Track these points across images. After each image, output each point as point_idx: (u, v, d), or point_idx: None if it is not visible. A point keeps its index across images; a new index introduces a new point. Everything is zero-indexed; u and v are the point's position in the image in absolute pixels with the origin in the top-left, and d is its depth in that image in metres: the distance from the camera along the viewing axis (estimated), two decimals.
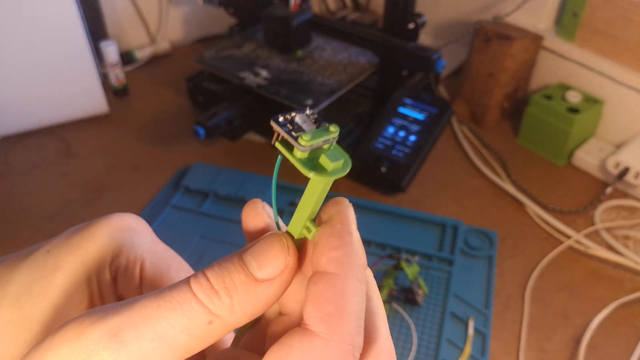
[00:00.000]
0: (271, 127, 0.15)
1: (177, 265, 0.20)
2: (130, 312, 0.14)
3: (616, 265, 0.56)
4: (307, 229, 0.16)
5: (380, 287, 0.49)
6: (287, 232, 0.17)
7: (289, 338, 0.14)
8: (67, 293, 0.18)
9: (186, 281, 0.15)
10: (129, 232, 0.20)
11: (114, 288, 0.19)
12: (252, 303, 0.15)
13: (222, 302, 0.15)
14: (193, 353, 0.15)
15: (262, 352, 0.15)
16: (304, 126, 0.15)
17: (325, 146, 0.15)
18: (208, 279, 0.15)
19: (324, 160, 0.15)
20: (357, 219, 0.17)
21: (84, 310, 0.18)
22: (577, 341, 0.49)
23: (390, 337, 0.16)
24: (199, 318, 0.14)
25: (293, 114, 0.15)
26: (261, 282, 0.15)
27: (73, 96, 0.71)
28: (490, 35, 0.71)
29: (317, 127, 0.15)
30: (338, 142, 0.16)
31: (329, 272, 0.15)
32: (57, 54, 0.67)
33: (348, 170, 0.15)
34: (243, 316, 0.15)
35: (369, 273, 0.17)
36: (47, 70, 0.67)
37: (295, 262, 0.16)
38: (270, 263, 0.15)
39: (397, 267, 0.49)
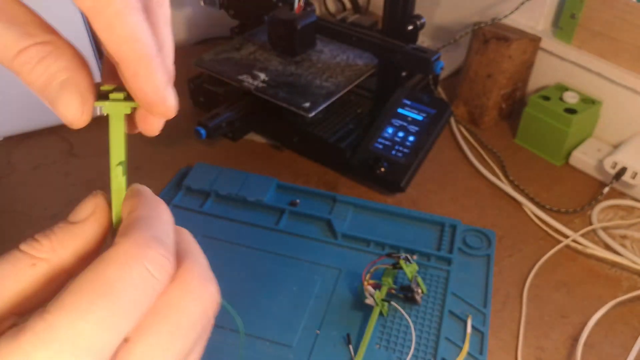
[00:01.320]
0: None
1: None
2: None
3: (613, 265, 0.57)
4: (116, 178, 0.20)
5: (379, 286, 0.50)
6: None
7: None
8: None
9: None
10: None
11: None
12: (71, 241, 0.18)
13: (41, 245, 0.17)
14: (30, 299, 0.16)
15: None
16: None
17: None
18: (32, 236, 0.18)
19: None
20: (357, 218, 0.18)
21: None
22: (575, 339, 0.49)
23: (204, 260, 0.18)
24: (21, 262, 0.17)
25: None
26: (75, 223, 0.18)
27: None
28: (488, 37, 0.72)
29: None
30: None
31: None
32: None
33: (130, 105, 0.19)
34: (67, 255, 0.17)
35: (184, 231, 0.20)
36: None
37: (105, 204, 0.19)
38: (81, 208, 0.19)
39: (396, 266, 0.50)
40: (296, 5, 0.67)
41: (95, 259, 0.16)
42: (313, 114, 0.63)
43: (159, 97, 0.18)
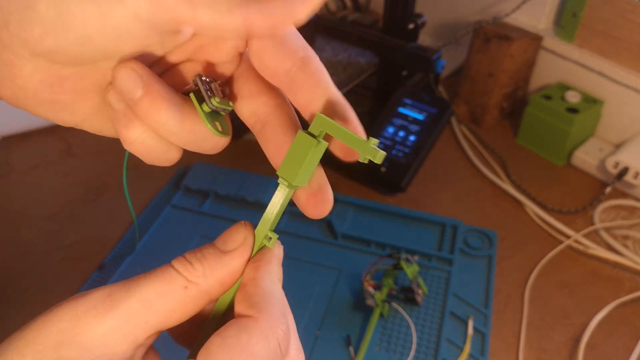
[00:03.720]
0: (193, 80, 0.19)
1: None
2: (123, 282, 0.17)
3: (615, 265, 0.56)
4: (267, 237, 0.21)
5: (380, 287, 0.49)
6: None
7: (226, 327, 0.18)
8: None
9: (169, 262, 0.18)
10: None
11: None
12: (220, 270, 0.19)
13: (195, 269, 0.18)
14: (175, 318, 0.18)
15: None
16: (216, 93, 0.19)
17: (222, 113, 0.20)
18: (184, 256, 0.19)
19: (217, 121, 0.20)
20: (358, 218, 0.19)
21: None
22: (577, 340, 0.49)
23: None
24: (175, 282, 0.18)
25: (209, 79, 0.19)
26: (225, 252, 0.19)
27: None
28: (489, 36, 0.71)
29: (223, 97, 0.19)
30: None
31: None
32: None
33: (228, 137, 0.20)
34: (214, 282, 0.19)
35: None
36: None
37: (252, 239, 0.20)
38: (232, 238, 0.20)
39: (397, 267, 0.50)
40: None
41: (237, 323, 0.17)
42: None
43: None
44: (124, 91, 0.18)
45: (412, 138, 0.64)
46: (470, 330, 0.48)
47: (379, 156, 0.17)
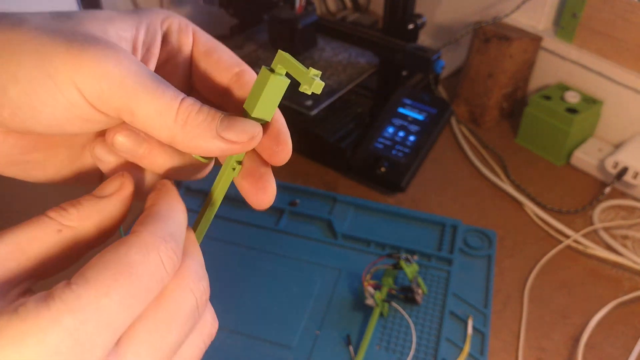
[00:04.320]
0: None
1: (225, 49, 0.21)
2: None
3: (615, 265, 0.56)
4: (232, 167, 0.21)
5: (380, 287, 0.49)
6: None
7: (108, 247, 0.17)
8: (116, 16, 0.19)
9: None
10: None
11: (162, 46, 0.20)
12: (96, 214, 0.18)
13: (68, 214, 0.18)
14: (52, 264, 0.17)
15: None
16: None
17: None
18: (60, 205, 0.18)
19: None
20: (358, 218, 0.19)
21: (125, 41, 0.19)
22: (576, 340, 0.49)
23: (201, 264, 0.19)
24: (48, 227, 0.17)
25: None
26: (101, 197, 0.19)
27: None
28: (489, 36, 0.71)
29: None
30: None
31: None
32: None
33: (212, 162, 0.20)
34: (91, 226, 0.18)
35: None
36: None
37: (130, 186, 0.19)
38: (108, 185, 0.19)
39: (397, 267, 0.50)
40: (297, 4, 0.66)
41: (116, 240, 0.17)
42: (315, 111, 0.63)
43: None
44: (126, 151, 0.19)
45: (412, 138, 0.64)
46: (469, 330, 0.48)
47: (314, 85, 0.18)
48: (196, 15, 0.97)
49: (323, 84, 0.18)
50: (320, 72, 0.18)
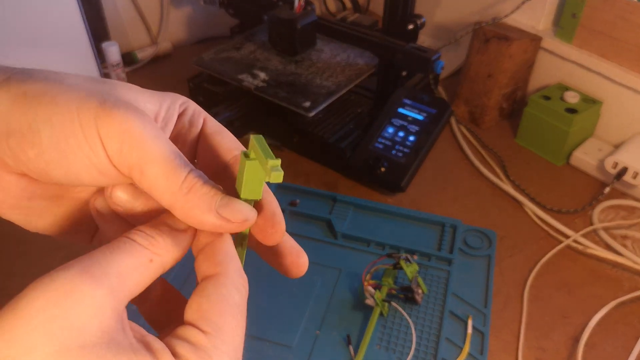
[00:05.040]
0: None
1: (229, 133, 0.23)
2: (91, 258, 0.17)
3: (614, 265, 0.56)
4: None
5: (379, 286, 0.49)
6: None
7: (203, 288, 0.19)
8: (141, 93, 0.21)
9: (126, 235, 0.18)
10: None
11: (176, 124, 0.22)
12: (176, 245, 0.19)
13: (157, 243, 0.19)
14: (138, 290, 0.18)
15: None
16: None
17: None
18: (143, 230, 0.19)
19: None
20: (357, 218, 0.20)
21: (150, 112, 0.20)
22: (576, 340, 0.49)
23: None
24: (143, 256, 0.18)
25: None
26: (180, 230, 0.20)
27: None
28: (489, 36, 0.71)
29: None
30: None
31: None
32: (59, 54, 0.68)
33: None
34: (171, 258, 0.19)
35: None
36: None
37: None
38: (177, 220, 0.20)
39: (397, 266, 0.50)
40: (296, 4, 0.67)
41: (211, 281, 0.19)
42: (313, 113, 0.63)
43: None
44: (122, 205, 0.21)
45: (411, 138, 0.64)
46: (469, 330, 0.48)
47: (273, 176, 0.19)
48: (197, 16, 0.97)
49: (282, 173, 0.18)
50: (280, 161, 0.19)
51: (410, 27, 0.68)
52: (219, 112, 0.64)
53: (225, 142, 0.22)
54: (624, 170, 0.62)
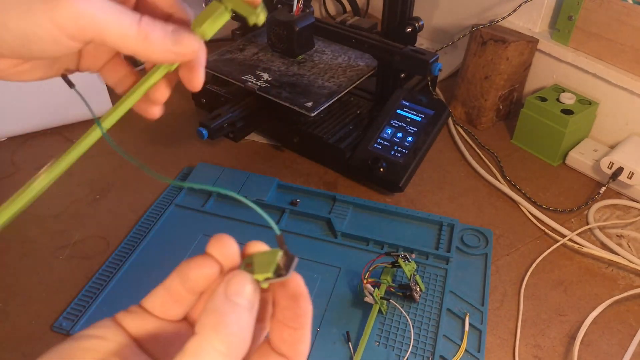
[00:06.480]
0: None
1: None
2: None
3: (610, 264, 0.57)
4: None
5: (378, 284, 0.50)
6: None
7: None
8: None
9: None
10: None
11: None
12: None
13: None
14: None
15: None
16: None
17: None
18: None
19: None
20: (357, 217, 0.19)
21: None
22: (572, 338, 0.50)
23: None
24: None
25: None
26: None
27: (78, 97, 0.72)
28: (486, 39, 0.72)
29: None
30: None
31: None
32: None
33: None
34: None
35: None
36: None
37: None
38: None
39: (395, 265, 0.51)
40: (295, 7, 0.67)
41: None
42: (315, 113, 0.64)
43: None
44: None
45: (410, 139, 0.65)
46: (467, 327, 0.49)
47: (260, 18, 0.22)
48: None
49: (266, 13, 0.22)
50: (263, 6, 0.22)
51: (409, 29, 0.69)
52: (221, 113, 0.65)
53: None
54: (620, 170, 0.63)
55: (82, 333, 0.20)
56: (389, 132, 0.66)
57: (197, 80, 0.25)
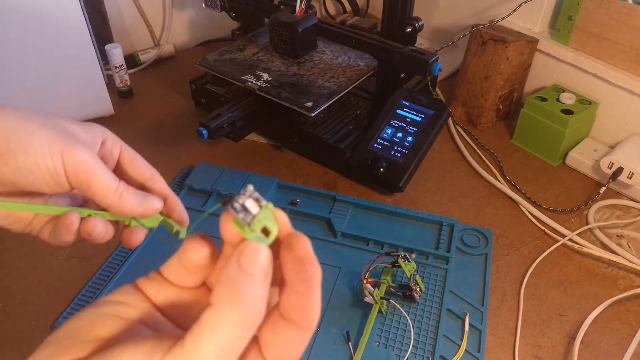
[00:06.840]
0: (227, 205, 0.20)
1: (141, 158, 0.32)
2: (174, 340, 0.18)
3: (610, 264, 0.57)
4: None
5: (378, 284, 0.50)
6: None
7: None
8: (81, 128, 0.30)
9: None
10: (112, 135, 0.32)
11: (100, 148, 0.31)
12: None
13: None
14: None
15: None
16: (252, 210, 0.20)
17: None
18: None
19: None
20: (357, 217, 0.19)
21: (86, 140, 0.29)
22: (572, 337, 0.50)
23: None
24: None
25: (241, 199, 0.20)
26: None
27: (79, 98, 0.72)
28: (486, 39, 0.72)
29: (259, 207, 0.20)
30: None
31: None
32: (63, 57, 0.69)
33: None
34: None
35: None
36: (54, 72, 0.69)
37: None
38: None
39: (395, 265, 0.51)
40: (298, 8, 0.67)
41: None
42: (315, 113, 0.64)
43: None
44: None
45: (410, 139, 0.65)
46: (467, 327, 0.49)
47: (181, 233, 0.31)
48: (199, 18, 0.98)
49: (185, 231, 0.30)
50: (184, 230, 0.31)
51: (409, 29, 0.69)
52: (221, 113, 0.65)
53: (141, 165, 0.32)
54: (620, 170, 0.63)
55: (105, 299, 0.21)
56: (389, 132, 0.66)
57: (134, 242, 0.31)
